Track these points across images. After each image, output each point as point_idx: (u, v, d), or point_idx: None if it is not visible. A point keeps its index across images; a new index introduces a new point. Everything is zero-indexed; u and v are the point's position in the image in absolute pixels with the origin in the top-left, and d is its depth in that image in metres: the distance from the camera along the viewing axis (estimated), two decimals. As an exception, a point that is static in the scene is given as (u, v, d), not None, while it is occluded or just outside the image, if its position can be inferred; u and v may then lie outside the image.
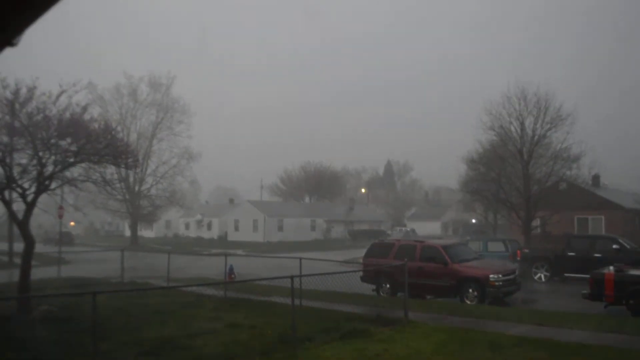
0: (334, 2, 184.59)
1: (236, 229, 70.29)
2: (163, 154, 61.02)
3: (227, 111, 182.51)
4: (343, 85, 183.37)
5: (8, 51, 1.97)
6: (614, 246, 22.65)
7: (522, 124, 35.40)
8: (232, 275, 21.12)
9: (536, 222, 35.77)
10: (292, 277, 11.40)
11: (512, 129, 36.00)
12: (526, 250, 25.67)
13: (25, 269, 14.92)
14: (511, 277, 17.73)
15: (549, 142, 36.30)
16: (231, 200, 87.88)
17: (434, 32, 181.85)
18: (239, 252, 42.31)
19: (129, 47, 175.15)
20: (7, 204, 15.81)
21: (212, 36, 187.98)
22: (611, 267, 15.41)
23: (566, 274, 23.06)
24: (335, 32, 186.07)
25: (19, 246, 22.78)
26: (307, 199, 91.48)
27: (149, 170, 59.33)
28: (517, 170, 35.69)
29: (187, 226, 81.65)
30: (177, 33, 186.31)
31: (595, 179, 41.51)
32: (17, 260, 23.74)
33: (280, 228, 67.20)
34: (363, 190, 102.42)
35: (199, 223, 79.21)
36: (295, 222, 68.59)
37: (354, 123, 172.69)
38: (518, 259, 24.35)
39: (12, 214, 15.99)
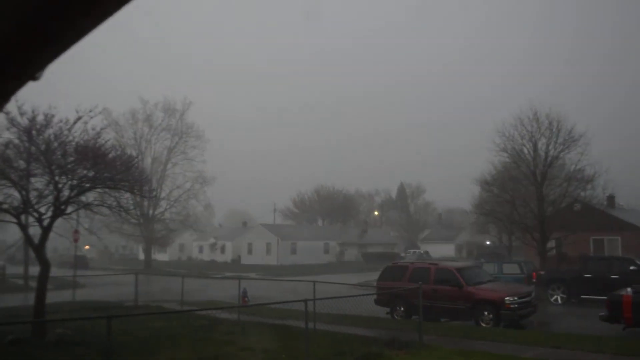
0: (343, 27, 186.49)
1: (249, 252, 70.32)
2: (177, 178, 61.66)
3: (239, 135, 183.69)
4: (354, 109, 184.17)
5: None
6: (631, 267, 22.39)
7: (534, 145, 35.34)
8: (246, 299, 21.10)
9: (551, 244, 35.44)
10: (305, 301, 11.39)
11: (525, 150, 35.96)
12: (542, 272, 25.42)
13: (41, 293, 15.02)
14: (527, 299, 17.56)
15: (562, 163, 36.21)
16: (244, 224, 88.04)
17: (445, 55, 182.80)
18: (253, 275, 42.26)
19: (142, 70, 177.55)
20: (24, 228, 15.99)
21: (222, 57, 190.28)
22: (629, 289, 15.22)
23: (583, 296, 22.78)
24: (346, 53, 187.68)
25: (34, 270, 23.01)
26: (320, 222, 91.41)
27: (163, 194, 59.80)
28: (531, 191, 35.50)
29: (200, 249, 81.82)
30: (188, 55, 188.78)
31: (610, 199, 41.19)
32: (32, 284, 23.92)
33: (294, 251, 67.13)
34: (376, 212, 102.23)
35: (213, 246, 79.35)
36: (309, 245, 68.50)
37: (366, 146, 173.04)
38: (534, 281, 24.13)
39: (28, 238, 16.16)
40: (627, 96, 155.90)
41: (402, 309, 18.73)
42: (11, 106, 13.94)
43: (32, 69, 1.72)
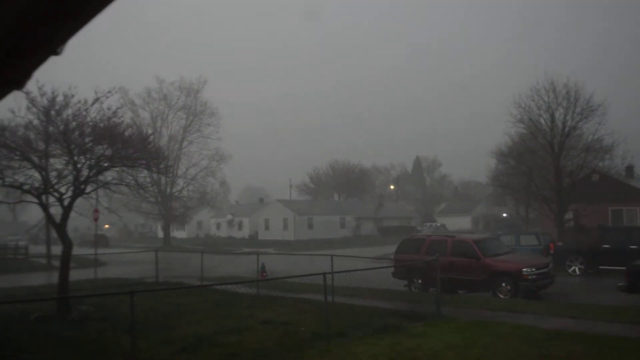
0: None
1: (266, 228, 70.75)
2: (193, 156, 61.94)
3: (254, 112, 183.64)
4: (371, 84, 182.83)
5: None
6: (650, 237, 22.18)
7: (552, 116, 34.90)
8: (264, 274, 21.36)
9: (569, 215, 35.20)
10: (324, 274, 11.48)
11: (542, 121, 35.53)
12: (559, 244, 25.30)
13: (64, 271, 15.31)
14: (545, 270, 17.53)
15: (580, 133, 35.73)
16: (261, 200, 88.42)
17: (459, 29, 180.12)
18: (270, 250, 42.62)
19: (158, 52, 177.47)
20: (45, 208, 16.22)
21: (236, 36, 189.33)
22: (648, 259, 15.13)
23: (601, 267, 22.67)
24: (360, 26, 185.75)
25: (56, 249, 23.40)
26: (335, 197, 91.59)
27: (180, 172, 60.19)
28: (548, 162, 35.16)
29: (218, 226, 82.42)
30: (205, 35, 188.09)
31: (629, 169, 40.64)
32: (55, 263, 24.36)
33: (310, 226, 67.41)
34: (392, 186, 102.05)
35: (230, 223, 79.88)
36: (325, 220, 68.71)
37: (382, 121, 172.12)
38: (551, 252, 24.03)
39: (49, 218, 16.40)
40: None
41: (419, 281, 18.80)
42: (32, 86, 14.09)
43: (53, 43, 1.75)
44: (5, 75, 1.83)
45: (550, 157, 34.82)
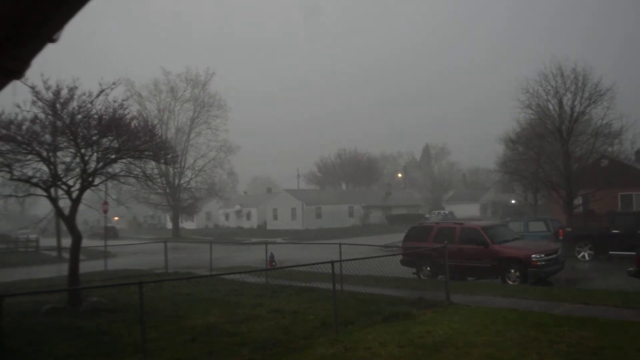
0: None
1: (275, 217, 70.91)
2: (201, 148, 62.07)
3: (261, 103, 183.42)
4: (378, 73, 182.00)
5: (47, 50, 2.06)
6: (661, 222, 22.05)
7: (560, 101, 34.60)
8: (273, 263, 21.42)
9: (578, 201, 35.01)
10: (332, 262, 11.47)
11: (550, 106, 35.26)
12: (569, 229, 25.20)
13: (74, 263, 15.39)
14: (554, 256, 17.47)
15: (588, 118, 35.49)
16: (269, 190, 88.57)
17: (469, 15, 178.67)
18: (279, 240, 42.71)
19: (163, 42, 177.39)
20: (54, 201, 16.28)
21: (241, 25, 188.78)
22: (658, 244, 15.03)
23: (611, 252, 22.59)
24: (366, 15, 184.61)
25: (66, 242, 23.56)
26: (343, 186, 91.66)
27: (187, 164, 60.34)
28: (557, 148, 34.93)
29: (226, 217, 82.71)
30: (211, 23, 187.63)
31: (639, 154, 40.37)
32: (65, 255, 24.53)
33: (319, 215, 67.49)
34: (400, 175, 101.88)
35: (239, 213, 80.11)
36: (333, 209, 68.76)
37: (390, 110, 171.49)
38: (560, 238, 23.95)
39: (59, 211, 16.47)
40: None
41: (428, 269, 18.81)
42: (37, 80, 14.12)
43: (48, 30, 1.72)
44: (3, 64, 1.81)
45: (558, 143, 34.57)
